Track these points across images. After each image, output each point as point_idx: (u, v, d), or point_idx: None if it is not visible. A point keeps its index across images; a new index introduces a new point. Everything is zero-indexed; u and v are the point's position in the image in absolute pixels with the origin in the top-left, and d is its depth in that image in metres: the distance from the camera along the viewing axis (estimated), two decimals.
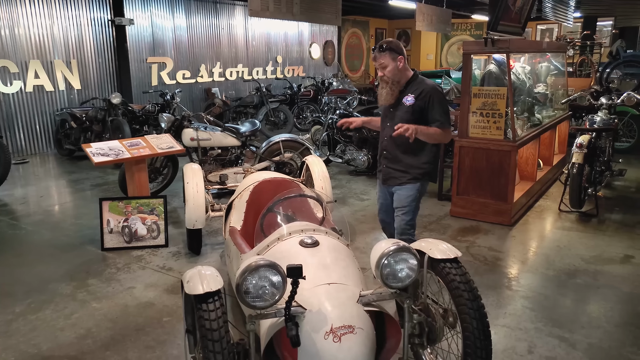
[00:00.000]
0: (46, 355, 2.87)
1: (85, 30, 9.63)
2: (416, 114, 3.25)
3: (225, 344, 1.90)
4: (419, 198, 3.42)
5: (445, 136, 3.30)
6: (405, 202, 3.37)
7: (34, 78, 8.88)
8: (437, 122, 3.24)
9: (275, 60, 14.59)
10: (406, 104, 3.28)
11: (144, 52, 10.79)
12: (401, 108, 3.30)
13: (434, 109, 3.24)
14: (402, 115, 3.29)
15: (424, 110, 3.25)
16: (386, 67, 3.23)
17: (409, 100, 3.27)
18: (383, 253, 2.24)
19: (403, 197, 3.37)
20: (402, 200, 3.38)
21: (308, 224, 2.87)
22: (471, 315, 2.18)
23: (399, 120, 3.27)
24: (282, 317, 2.14)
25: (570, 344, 2.96)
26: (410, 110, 3.26)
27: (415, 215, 3.45)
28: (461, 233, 4.86)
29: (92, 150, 4.22)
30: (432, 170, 3.43)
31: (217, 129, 5.91)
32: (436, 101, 3.24)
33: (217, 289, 2.05)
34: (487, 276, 3.89)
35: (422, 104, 3.24)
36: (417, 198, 3.41)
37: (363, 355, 2.06)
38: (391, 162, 3.41)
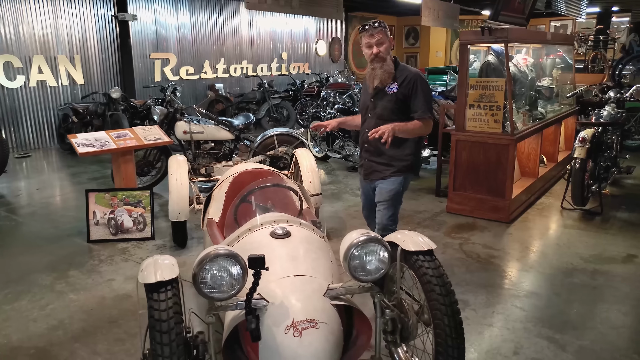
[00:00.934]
0: (15, 345, 2.81)
1: (88, 26, 9.63)
2: (399, 103, 3.10)
3: (175, 336, 1.80)
4: (401, 192, 3.27)
5: (426, 128, 3.13)
6: (387, 195, 3.22)
7: (38, 73, 8.90)
8: (420, 111, 3.07)
9: (281, 57, 14.51)
10: (389, 92, 3.11)
11: (147, 48, 10.77)
12: (383, 97, 3.14)
13: (417, 97, 3.08)
14: (385, 104, 3.13)
15: (408, 98, 3.11)
16: (383, 44, 3.04)
17: (392, 88, 3.11)
18: (351, 244, 2.12)
19: (385, 190, 3.23)
20: (384, 194, 3.23)
21: (282, 215, 2.75)
22: (442, 311, 2.05)
23: (381, 110, 3.14)
24: (242, 309, 2.03)
25: (559, 346, 2.81)
26: (393, 99, 3.10)
27: (398, 209, 3.31)
28: (455, 230, 4.71)
29: (77, 141, 4.16)
30: (415, 162, 3.28)
31: (211, 122, 5.82)
32: (420, 89, 3.08)
33: (171, 279, 1.95)
34: (478, 274, 3.75)
35: (405, 92, 3.09)
36: (400, 192, 3.26)
37: (324, 351, 1.93)
38: (373, 155, 3.24)
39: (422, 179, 6.63)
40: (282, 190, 3.12)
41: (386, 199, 3.23)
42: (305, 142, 6.03)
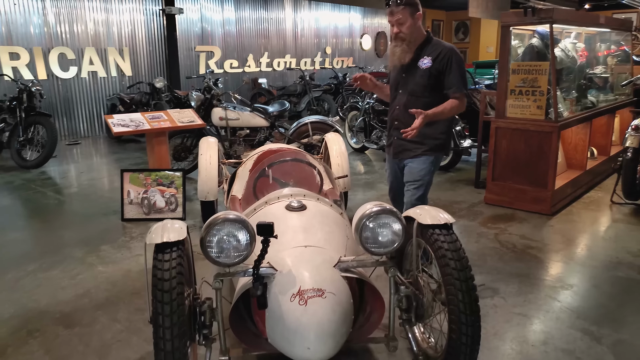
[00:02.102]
0: (43, 309, 2.90)
1: (137, 20, 9.95)
2: (432, 79, 2.98)
3: (176, 295, 1.78)
4: (433, 172, 3.15)
5: (460, 106, 3.00)
6: (418, 175, 3.09)
7: (89, 64, 9.27)
8: (454, 87, 2.95)
9: (324, 52, 14.49)
10: (422, 68, 2.99)
11: (193, 41, 11.01)
12: (416, 72, 3.02)
13: (451, 73, 2.95)
14: (418, 80, 3.02)
15: (441, 74, 2.98)
16: (404, 24, 2.93)
17: (426, 63, 2.99)
18: (364, 214, 2.04)
19: (416, 170, 3.10)
20: (414, 174, 3.11)
21: (300, 189, 2.71)
22: (457, 286, 1.93)
23: (413, 86, 3.03)
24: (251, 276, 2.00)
25: (594, 338, 2.61)
26: (426, 75, 2.98)
27: (427, 191, 3.17)
28: (492, 220, 4.50)
29: (113, 121, 4.27)
30: (447, 141, 3.16)
31: (246, 109, 5.86)
32: (455, 64, 2.96)
33: (177, 240, 1.94)
34: (512, 264, 3.55)
35: (439, 67, 2.96)
36: (432, 172, 3.13)
37: (330, 321, 1.86)
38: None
39: (462, 170, 6.42)
40: (304, 167, 3.07)
41: (416, 178, 3.10)
42: (340, 131, 5.95)
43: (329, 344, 1.86)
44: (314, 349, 1.84)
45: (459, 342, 1.93)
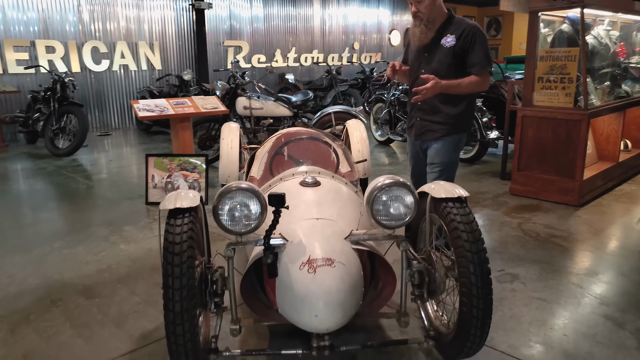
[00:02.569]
0: (66, 282, 2.99)
1: (167, 14, 10.14)
2: (457, 57, 2.92)
3: (186, 259, 1.80)
4: (457, 154, 3.09)
5: (483, 83, 2.94)
6: (443, 157, 3.03)
7: (120, 58, 9.51)
8: (478, 66, 2.89)
9: (352, 47, 14.45)
10: (446, 46, 2.93)
11: (221, 36, 11.16)
12: (439, 51, 2.95)
13: (474, 51, 2.89)
14: (441, 59, 2.95)
15: (465, 52, 2.92)
16: (422, 2, 2.89)
17: (449, 41, 2.92)
18: (375, 187, 2.02)
19: (440, 151, 3.04)
20: (438, 155, 3.04)
21: (316, 167, 2.71)
22: (468, 258, 1.89)
23: (437, 65, 2.95)
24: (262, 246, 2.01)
25: (617, 324, 2.52)
26: (450, 53, 2.92)
27: (453, 173, 3.10)
28: (517, 210, 4.40)
29: (139, 106, 4.36)
30: (469, 121, 3.11)
31: (270, 98, 5.89)
32: (478, 42, 2.90)
33: (189, 207, 1.97)
34: (534, 251, 3.46)
35: (463, 45, 2.90)
36: (457, 153, 3.08)
37: (338, 290, 1.84)
38: (427, 113, 3.05)
39: (489, 163, 6.30)
40: (320, 146, 3.07)
41: (442, 161, 3.03)
42: (363, 121, 5.92)
43: (337, 313, 1.85)
44: (322, 317, 1.84)
45: (469, 316, 1.90)
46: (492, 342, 2.33)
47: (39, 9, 8.36)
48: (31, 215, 4.37)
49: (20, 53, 8.15)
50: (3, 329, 2.46)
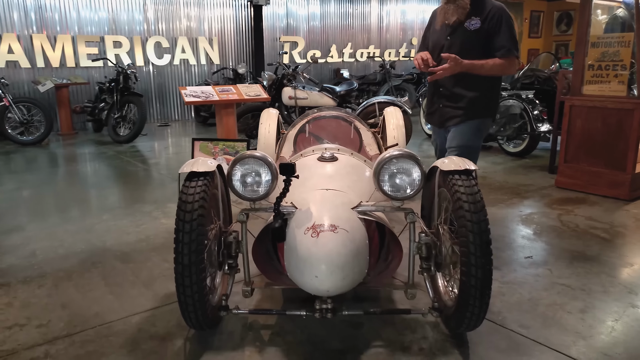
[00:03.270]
0: (107, 247, 3.25)
1: (227, 11, 10.53)
2: (482, 40, 2.85)
3: (196, 217, 1.93)
4: (479, 137, 3.02)
5: (509, 67, 2.86)
6: (461, 140, 2.95)
7: (181, 53, 9.99)
8: (504, 49, 2.81)
9: (410, 43, 14.29)
10: (470, 29, 2.86)
11: (278, 31, 11.42)
12: (462, 34, 2.89)
13: (501, 34, 2.82)
14: (465, 41, 2.87)
15: (491, 36, 2.84)
16: None
17: (474, 24, 2.85)
18: (383, 158, 2.07)
19: (459, 134, 2.97)
20: (456, 139, 2.97)
21: (336, 145, 2.78)
22: (468, 227, 1.89)
23: (459, 49, 2.84)
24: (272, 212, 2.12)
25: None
26: (474, 36, 2.85)
27: (474, 157, 3.00)
28: (559, 202, 4.24)
29: (186, 92, 4.62)
30: (493, 105, 3.02)
31: (315, 88, 6.01)
32: (505, 24, 2.82)
33: (204, 171, 2.10)
34: (568, 240, 3.34)
35: (489, 28, 2.83)
36: (477, 137, 3.00)
37: (339, 254, 1.91)
38: (450, 99, 2.98)
39: (539, 157, 6.07)
40: (342, 125, 3.13)
41: (459, 144, 2.95)
42: (408, 111, 5.90)
43: (336, 275, 1.91)
44: (321, 278, 1.91)
45: (468, 285, 1.90)
46: (503, 321, 2.30)
47: (108, 8, 8.97)
48: (88, 192, 4.74)
49: (90, 48, 8.78)
50: (48, 284, 2.72)
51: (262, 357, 2.03)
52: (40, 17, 8.29)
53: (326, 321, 2.30)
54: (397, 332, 2.21)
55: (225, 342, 2.13)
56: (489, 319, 2.28)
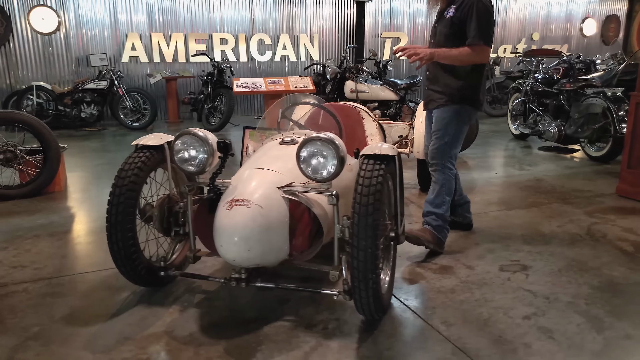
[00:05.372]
0: None
1: (330, 8, 10.86)
2: (455, 28, 2.83)
3: (127, 182, 2.22)
4: (456, 123, 2.93)
5: (475, 56, 2.77)
6: (440, 124, 2.95)
7: (282, 49, 10.57)
8: (470, 38, 2.75)
9: (530, 38, 13.27)
10: (446, 17, 2.88)
11: (380, 28, 11.45)
12: (442, 23, 2.92)
13: (471, 22, 2.75)
14: (442, 29, 2.91)
15: (463, 23, 2.79)
16: None
17: (450, 12, 2.86)
18: (304, 140, 2.16)
19: (439, 119, 2.97)
20: (437, 123, 2.98)
21: (309, 131, 2.87)
22: (355, 209, 1.92)
23: (439, 37, 2.93)
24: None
25: (594, 327, 2.13)
26: (449, 24, 2.85)
27: (452, 143, 2.94)
28: (604, 211, 3.76)
29: (237, 83, 5.01)
30: (471, 95, 2.91)
31: (377, 82, 6.02)
32: (475, 13, 2.75)
33: (149, 145, 2.37)
34: (577, 249, 2.99)
35: (461, 16, 2.80)
36: (454, 122, 2.93)
37: (244, 226, 2.05)
38: (432, 82, 3.03)
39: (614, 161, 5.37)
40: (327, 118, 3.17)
41: (438, 127, 2.96)
42: None
43: (239, 246, 2.06)
44: (225, 248, 2.08)
45: (352, 267, 1.91)
46: (429, 316, 2.22)
47: (220, 9, 9.86)
48: None
49: (199, 45, 9.74)
50: (67, 238, 3.24)
51: (180, 314, 2.25)
52: (159, 18, 9.43)
53: (259, 294, 2.44)
54: (316, 310, 2.28)
55: (160, 299, 2.39)
56: (418, 314, 2.23)
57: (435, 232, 2.91)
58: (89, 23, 8.98)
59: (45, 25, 8.59)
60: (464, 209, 3.31)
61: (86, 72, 8.86)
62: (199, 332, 2.11)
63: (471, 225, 3.36)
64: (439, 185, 2.97)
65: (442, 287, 2.51)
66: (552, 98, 6.26)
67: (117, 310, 2.29)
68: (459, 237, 3.20)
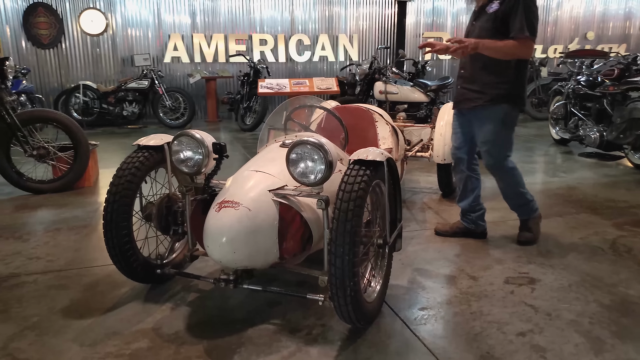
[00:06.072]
0: None
1: (369, 8, 10.77)
2: (498, 22, 2.75)
3: (124, 182, 2.28)
4: (506, 128, 2.89)
5: (521, 49, 2.70)
6: (488, 135, 2.89)
7: (321, 50, 10.58)
8: (515, 30, 2.68)
9: (585, 37, 12.65)
10: (489, 12, 2.79)
11: (421, 27, 11.24)
12: (483, 18, 2.83)
13: (516, 15, 2.68)
14: (483, 24, 2.82)
15: (507, 17, 2.72)
16: None
17: (493, 7, 2.78)
18: (294, 143, 2.15)
19: (484, 129, 2.90)
20: (483, 134, 2.91)
21: (311, 134, 2.86)
22: (335, 215, 1.89)
23: (480, 32, 2.83)
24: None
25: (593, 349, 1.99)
26: (492, 18, 2.77)
27: (505, 148, 2.94)
28: (635, 224, 3.51)
29: (262, 84, 5.05)
30: (515, 93, 2.85)
31: (408, 83, 5.90)
32: (521, 6, 2.68)
33: (149, 145, 2.43)
34: (597, 264, 2.81)
35: (506, 10, 2.72)
36: (503, 128, 2.89)
37: (230, 228, 2.06)
38: (467, 81, 2.94)
39: None
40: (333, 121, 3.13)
41: (487, 139, 2.91)
42: None
43: (224, 248, 2.08)
44: (212, 249, 2.10)
45: (329, 273, 1.88)
46: (418, 327, 2.16)
47: (260, 10, 9.99)
48: None
49: (239, 45, 9.91)
50: (85, 232, 3.37)
51: (171, 312, 2.30)
52: (201, 19, 9.67)
53: (251, 295, 2.45)
54: (303, 315, 2.26)
55: (155, 296, 2.44)
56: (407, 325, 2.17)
57: (534, 215, 3.13)
58: (134, 24, 9.34)
59: (94, 27, 9.02)
60: (478, 217, 3.20)
61: (130, 71, 9.22)
62: (184, 330, 2.14)
63: (485, 234, 3.23)
64: (511, 187, 3.02)
65: (439, 298, 2.43)
66: (595, 101, 5.93)
67: (113, 304, 2.36)
68: (470, 246, 3.09)
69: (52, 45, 8.86)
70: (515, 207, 3.16)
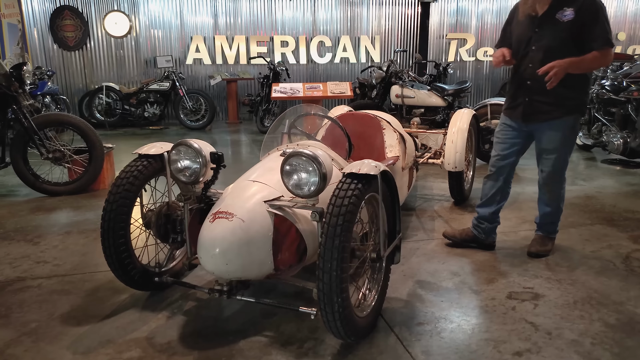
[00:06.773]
0: None
1: (392, 9, 10.67)
2: (575, 32, 2.64)
3: (121, 190, 2.31)
4: (573, 135, 2.88)
5: (603, 60, 2.66)
6: (560, 142, 2.84)
7: (342, 51, 10.54)
8: (599, 41, 2.60)
9: (615, 38, 12.25)
10: (563, 20, 2.66)
11: (445, 28, 11.08)
12: (553, 26, 2.69)
13: (596, 24, 2.60)
14: (557, 35, 2.68)
15: (584, 26, 2.62)
16: None
17: (567, 15, 2.65)
18: (289, 154, 2.14)
19: (553, 137, 2.83)
20: (554, 141, 2.84)
21: (315, 142, 2.84)
22: (324, 229, 1.87)
23: (551, 42, 2.70)
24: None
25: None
26: (567, 27, 2.65)
27: (569, 155, 2.92)
28: None
29: (276, 88, 5.05)
30: (585, 101, 2.85)
31: (425, 87, 5.82)
32: (600, 14, 2.62)
33: (149, 154, 2.45)
34: (605, 279, 2.70)
35: (583, 19, 2.62)
36: (571, 138, 2.88)
37: (223, 239, 2.07)
38: (538, 93, 2.78)
39: None
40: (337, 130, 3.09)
41: (556, 146, 2.85)
42: None
43: (216, 259, 2.08)
44: (204, 259, 2.11)
45: (318, 288, 1.86)
46: (411, 343, 2.11)
47: (282, 11, 10.02)
48: None
49: (260, 47, 9.96)
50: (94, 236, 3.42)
51: (166, 321, 2.31)
52: (223, 21, 9.76)
53: (247, 306, 2.45)
54: (297, 328, 2.24)
55: (153, 304, 2.46)
56: (400, 341, 2.13)
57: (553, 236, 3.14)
58: (157, 26, 9.49)
59: (118, 29, 9.20)
60: (491, 229, 3.13)
61: (153, 73, 9.38)
62: (177, 340, 2.15)
63: (493, 246, 3.16)
64: (557, 201, 3.01)
65: (437, 312, 2.38)
66: (619, 107, 5.73)
67: (111, 311, 2.39)
68: (476, 257, 3.02)
69: (78, 47, 9.08)
70: (546, 222, 3.09)
